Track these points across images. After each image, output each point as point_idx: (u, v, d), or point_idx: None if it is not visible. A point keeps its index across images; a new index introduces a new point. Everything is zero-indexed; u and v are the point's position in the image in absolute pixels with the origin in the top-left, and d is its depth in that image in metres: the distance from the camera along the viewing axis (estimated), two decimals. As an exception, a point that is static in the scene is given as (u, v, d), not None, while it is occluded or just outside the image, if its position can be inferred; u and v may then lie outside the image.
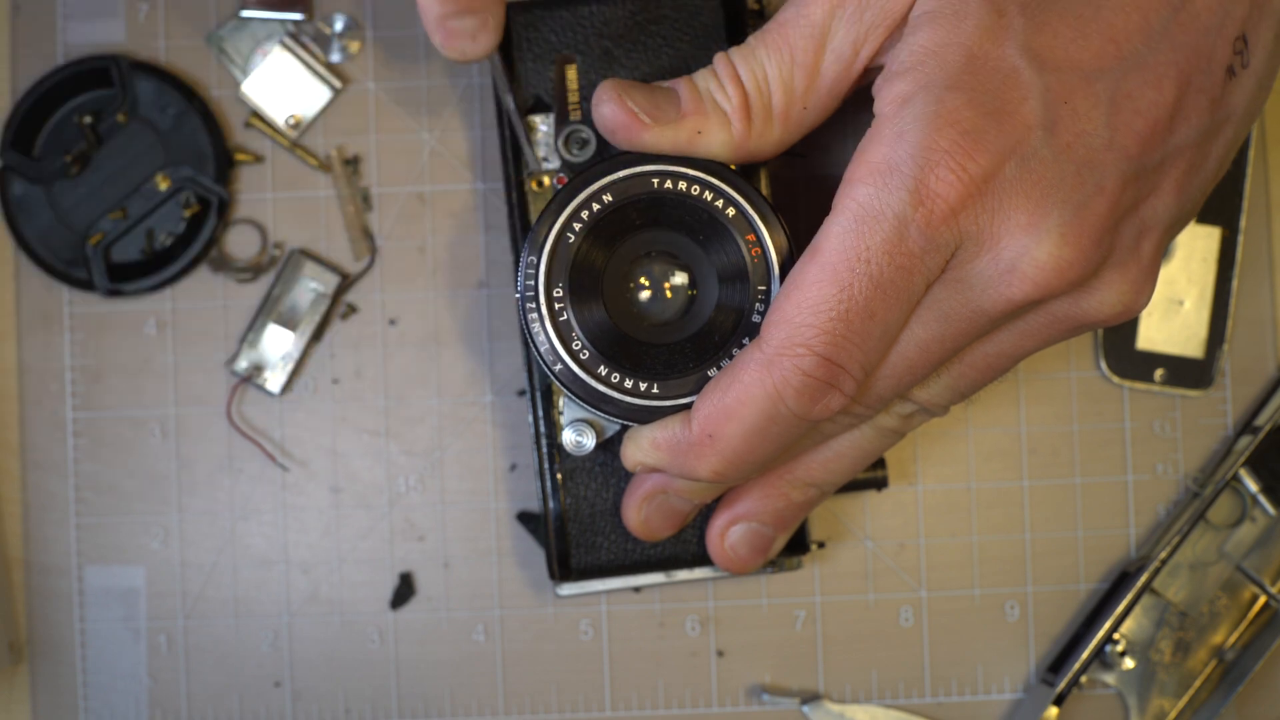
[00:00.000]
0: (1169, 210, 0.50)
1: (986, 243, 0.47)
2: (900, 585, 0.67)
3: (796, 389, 0.48)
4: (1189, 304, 0.67)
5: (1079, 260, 0.47)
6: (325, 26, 0.68)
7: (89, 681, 0.67)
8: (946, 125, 0.46)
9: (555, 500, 0.59)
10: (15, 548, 0.67)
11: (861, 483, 0.62)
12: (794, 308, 0.48)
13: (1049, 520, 0.67)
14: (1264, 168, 0.68)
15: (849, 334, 0.47)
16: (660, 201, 0.52)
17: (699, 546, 0.60)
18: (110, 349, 0.67)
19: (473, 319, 0.67)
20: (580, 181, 0.52)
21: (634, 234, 0.53)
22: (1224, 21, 0.49)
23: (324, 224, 0.67)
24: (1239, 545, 0.66)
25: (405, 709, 0.67)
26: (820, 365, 0.47)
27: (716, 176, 0.52)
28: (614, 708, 0.67)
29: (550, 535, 0.60)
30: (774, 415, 0.49)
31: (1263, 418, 0.66)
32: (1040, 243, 0.47)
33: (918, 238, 0.46)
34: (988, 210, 0.46)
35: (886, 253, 0.47)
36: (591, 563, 0.60)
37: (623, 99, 0.52)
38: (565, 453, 0.59)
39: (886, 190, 0.46)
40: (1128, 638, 0.65)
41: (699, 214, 0.52)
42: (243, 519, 0.67)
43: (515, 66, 0.58)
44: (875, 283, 0.47)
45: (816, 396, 0.48)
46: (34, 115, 0.67)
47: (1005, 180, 0.46)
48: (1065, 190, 0.47)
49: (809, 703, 0.66)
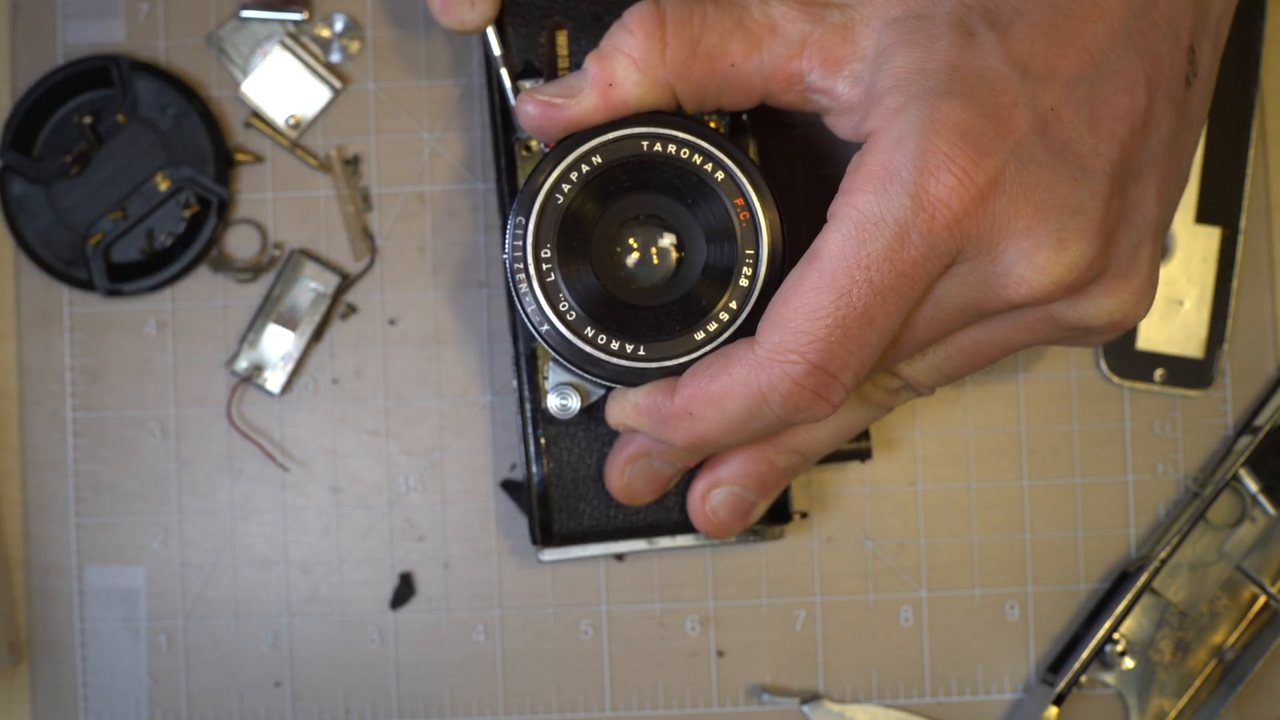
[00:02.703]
0: (1155, 217, 0.50)
1: (986, 247, 0.47)
2: (900, 585, 0.67)
3: (783, 395, 0.48)
4: (1189, 304, 0.67)
5: (1078, 265, 0.47)
6: (325, 27, 0.68)
7: (89, 681, 0.67)
8: (945, 129, 0.46)
9: (538, 465, 0.59)
10: (15, 548, 0.67)
11: (846, 454, 0.61)
12: (790, 312, 0.47)
13: (1049, 520, 0.67)
14: (1264, 168, 0.68)
15: (845, 342, 0.47)
16: (650, 164, 0.51)
17: (681, 514, 0.60)
18: (110, 349, 0.67)
19: (473, 319, 0.67)
20: (571, 143, 0.51)
21: (623, 196, 0.52)
22: (1178, 31, 0.49)
23: (324, 224, 0.67)
24: (1239, 545, 0.66)
25: (405, 709, 0.67)
26: (811, 374, 0.47)
27: (706, 140, 0.51)
28: (614, 708, 0.67)
29: (533, 501, 0.60)
30: (756, 414, 0.49)
31: (1263, 418, 0.66)
32: (1040, 247, 0.47)
33: (919, 244, 0.46)
34: (989, 215, 0.46)
35: (887, 260, 0.46)
36: (574, 529, 0.60)
37: (534, 95, 0.51)
38: (549, 418, 0.59)
39: (887, 197, 0.46)
40: (1128, 638, 0.65)
41: (688, 177, 0.51)
42: (243, 519, 0.67)
43: (506, 32, 0.58)
44: (875, 290, 0.46)
45: (803, 405, 0.48)
46: (34, 115, 0.67)
47: (1006, 184, 0.46)
48: (1062, 195, 0.47)
49: (809, 703, 0.66)
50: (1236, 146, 0.67)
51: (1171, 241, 0.67)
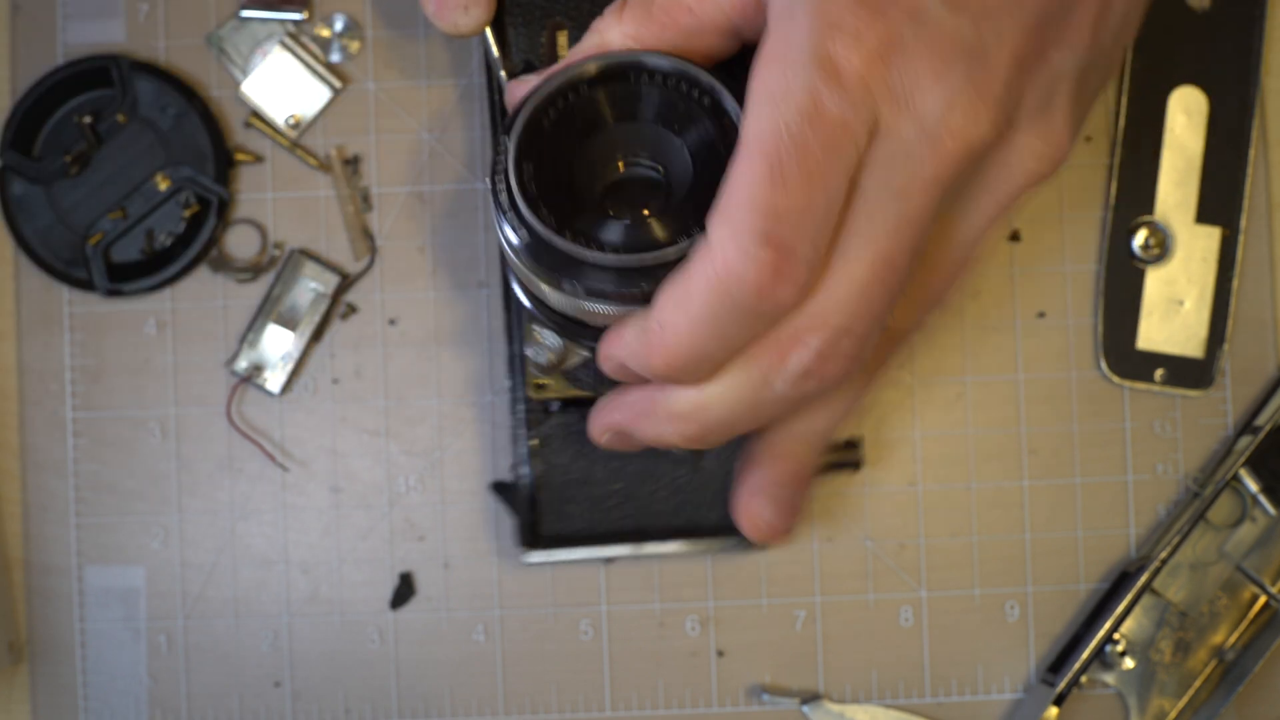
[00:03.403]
0: (1079, 58, 0.49)
1: (903, 104, 0.46)
2: (900, 585, 0.67)
3: (740, 276, 0.46)
4: (1189, 304, 0.67)
5: (992, 104, 0.47)
6: (325, 27, 0.68)
7: (89, 681, 0.67)
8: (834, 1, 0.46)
9: (528, 467, 0.59)
10: (15, 548, 0.67)
11: (835, 464, 0.62)
12: (729, 198, 0.46)
13: (1049, 520, 0.67)
14: (1264, 168, 0.68)
15: (790, 208, 0.46)
16: (636, 95, 0.51)
17: (668, 520, 0.60)
18: (110, 349, 0.67)
19: (473, 319, 0.67)
20: (561, 71, 0.51)
21: (608, 128, 0.51)
22: None
23: (324, 224, 0.67)
24: (1239, 545, 0.66)
25: (405, 709, 0.67)
26: (763, 245, 0.46)
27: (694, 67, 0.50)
28: (614, 708, 0.67)
29: (521, 501, 0.60)
30: (721, 307, 0.47)
31: (1263, 418, 0.66)
32: (955, 93, 0.46)
33: (835, 104, 0.46)
34: (895, 70, 0.46)
35: (807, 121, 0.45)
36: (560, 531, 0.60)
37: (523, 83, 0.51)
38: (540, 418, 0.58)
39: (791, 69, 0.46)
40: (1128, 638, 0.65)
41: (675, 103, 0.50)
42: (243, 519, 0.67)
43: (507, 33, 0.58)
44: (802, 150, 0.45)
45: (764, 284, 0.46)
46: (34, 115, 0.67)
47: (905, 42, 0.46)
48: (966, 42, 0.46)
49: (809, 703, 0.66)
50: (1236, 146, 0.67)
51: (1172, 241, 0.67)
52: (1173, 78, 0.67)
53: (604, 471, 0.60)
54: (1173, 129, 0.67)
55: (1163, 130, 0.67)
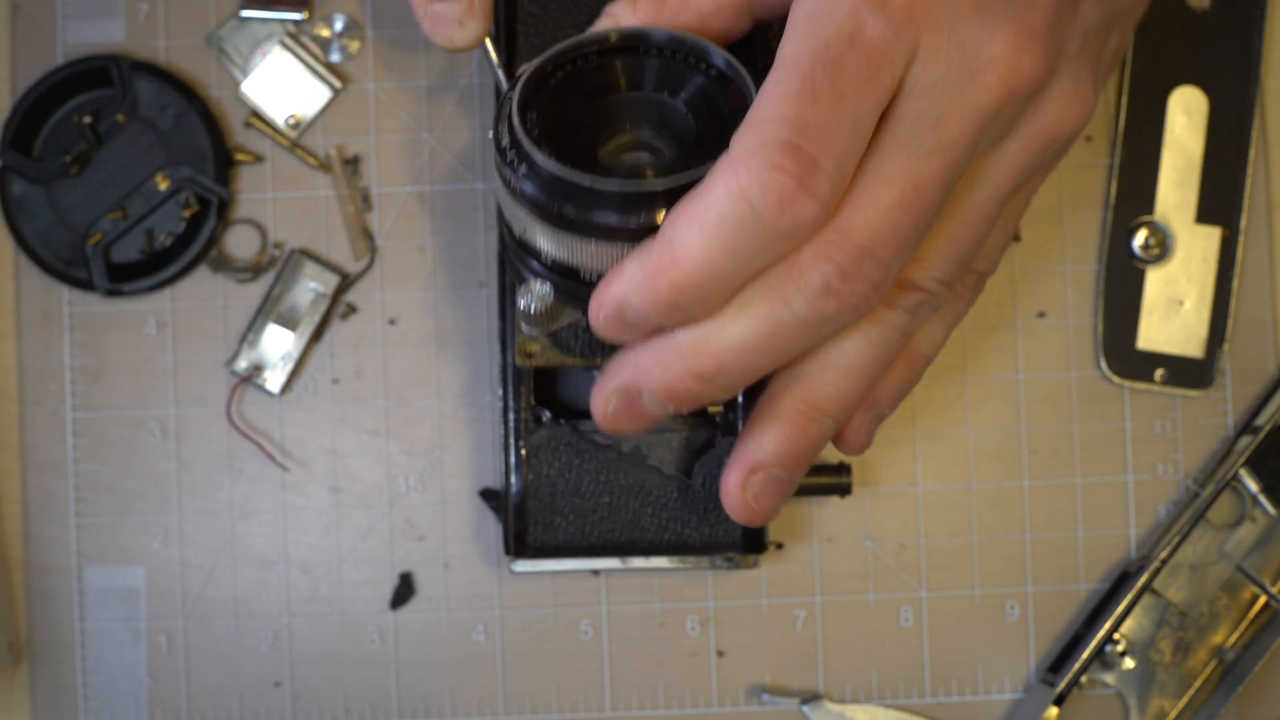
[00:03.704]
0: (1105, 13, 0.49)
1: (946, 32, 0.46)
2: (900, 585, 0.67)
3: (761, 185, 0.44)
4: (1189, 304, 0.67)
5: (1036, 41, 0.46)
6: (325, 26, 0.68)
7: (89, 681, 0.67)
8: None
9: (518, 476, 0.59)
10: (15, 548, 0.67)
11: (825, 487, 0.62)
12: (757, 109, 0.45)
13: (1049, 520, 0.67)
14: (1264, 168, 0.68)
15: (817, 117, 0.44)
16: (641, 67, 0.51)
17: (655, 536, 0.60)
18: (110, 349, 0.67)
19: (473, 319, 0.67)
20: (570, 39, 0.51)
21: (613, 96, 0.51)
22: None
23: (324, 224, 0.67)
24: (1239, 545, 0.66)
25: (405, 709, 0.67)
26: (787, 152, 0.44)
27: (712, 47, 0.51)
28: (614, 708, 0.67)
29: (509, 510, 0.60)
30: (738, 220, 0.45)
31: (1263, 418, 0.66)
32: (998, 26, 0.46)
33: (876, 28, 0.45)
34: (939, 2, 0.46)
35: (846, 42, 0.45)
36: (548, 542, 0.60)
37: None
38: (531, 428, 0.59)
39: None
40: (1128, 638, 0.65)
41: (680, 74, 0.51)
42: (243, 519, 0.67)
43: (519, 43, 0.58)
44: (837, 68, 0.45)
45: (785, 195, 0.44)
46: (34, 115, 0.67)
47: None
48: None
49: (809, 703, 0.66)
50: (1236, 146, 0.67)
51: (1172, 241, 0.67)
52: (1173, 78, 0.67)
53: (593, 484, 0.60)
54: (1173, 129, 0.67)
55: (1163, 130, 0.67)
